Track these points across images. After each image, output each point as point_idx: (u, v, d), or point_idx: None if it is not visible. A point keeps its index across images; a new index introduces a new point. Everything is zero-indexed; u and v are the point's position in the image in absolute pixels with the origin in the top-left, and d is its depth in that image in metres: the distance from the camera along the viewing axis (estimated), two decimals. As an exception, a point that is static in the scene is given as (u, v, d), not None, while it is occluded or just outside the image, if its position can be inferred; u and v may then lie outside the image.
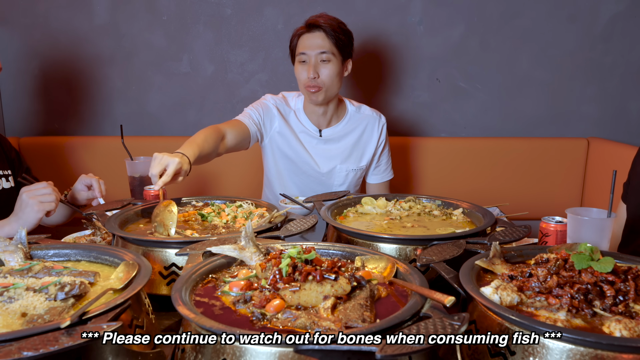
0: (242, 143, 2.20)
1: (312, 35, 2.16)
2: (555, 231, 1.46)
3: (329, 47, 2.15)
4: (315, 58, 2.16)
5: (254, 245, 1.19)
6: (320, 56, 2.15)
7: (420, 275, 1.06)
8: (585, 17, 2.88)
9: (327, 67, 2.16)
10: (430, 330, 0.79)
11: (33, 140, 2.86)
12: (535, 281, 1.01)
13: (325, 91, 2.19)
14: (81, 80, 2.93)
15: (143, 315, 1.02)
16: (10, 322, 0.91)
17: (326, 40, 2.15)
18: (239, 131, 2.16)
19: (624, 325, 0.86)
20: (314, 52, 2.15)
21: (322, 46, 2.15)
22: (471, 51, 2.93)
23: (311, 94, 2.19)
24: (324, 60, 2.16)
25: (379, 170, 2.47)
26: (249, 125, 2.20)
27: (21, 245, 1.21)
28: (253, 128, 2.21)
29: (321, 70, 2.16)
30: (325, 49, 2.15)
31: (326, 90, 2.19)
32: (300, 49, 2.18)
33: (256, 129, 2.23)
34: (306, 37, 2.17)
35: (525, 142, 2.93)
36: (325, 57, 2.16)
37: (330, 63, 2.17)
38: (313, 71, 2.14)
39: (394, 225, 1.59)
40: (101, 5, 2.83)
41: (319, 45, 2.15)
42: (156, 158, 1.70)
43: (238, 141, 2.16)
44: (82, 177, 1.93)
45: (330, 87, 2.19)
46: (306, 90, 2.20)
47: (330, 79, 2.17)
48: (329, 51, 2.15)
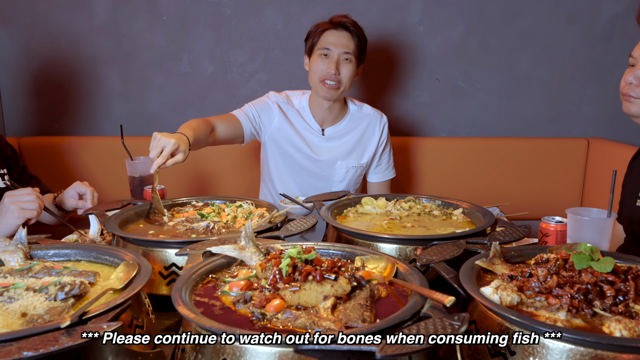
0: (235, 137, 2.25)
1: (338, 33, 2.20)
2: (555, 231, 1.46)
3: (353, 49, 2.20)
4: (339, 56, 2.19)
5: (254, 245, 1.19)
6: (343, 55, 2.19)
7: (420, 275, 1.06)
8: (585, 17, 2.88)
9: (348, 67, 2.20)
10: (430, 330, 0.79)
11: (33, 140, 2.86)
12: (535, 281, 1.01)
13: (342, 89, 2.23)
14: (81, 80, 2.93)
15: (143, 315, 1.02)
16: (10, 322, 0.91)
17: (351, 41, 2.20)
18: (230, 125, 2.20)
19: (624, 325, 0.86)
20: (338, 50, 2.18)
21: (347, 46, 2.19)
22: (471, 51, 2.93)
23: (327, 89, 2.21)
24: (346, 59, 2.20)
25: (380, 169, 2.48)
26: (242, 120, 2.24)
27: (21, 245, 1.21)
28: (247, 124, 2.24)
29: (342, 68, 2.19)
30: (349, 50, 2.19)
31: (343, 89, 2.23)
32: (324, 43, 2.21)
33: (250, 125, 2.26)
34: (331, 33, 2.21)
35: (525, 142, 2.93)
36: (348, 57, 2.19)
37: (350, 64, 2.21)
38: (335, 67, 2.17)
39: (394, 225, 1.59)
40: (101, 5, 2.83)
41: (344, 44, 2.19)
42: (155, 139, 1.74)
43: (229, 135, 2.20)
44: (77, 185, 1.88)
45: (347, 87, 2.24)
46: (321, 85, 2.21)
47: (348, 79, 2.22)
48: (352, 52, 2.20)
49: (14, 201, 1.61)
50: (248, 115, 2.26)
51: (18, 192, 1.64)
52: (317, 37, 2.23)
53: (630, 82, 1.54)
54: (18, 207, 1.60)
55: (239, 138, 2.26)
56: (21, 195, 1.63)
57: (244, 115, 2.25)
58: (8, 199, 1.62)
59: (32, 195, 1.63)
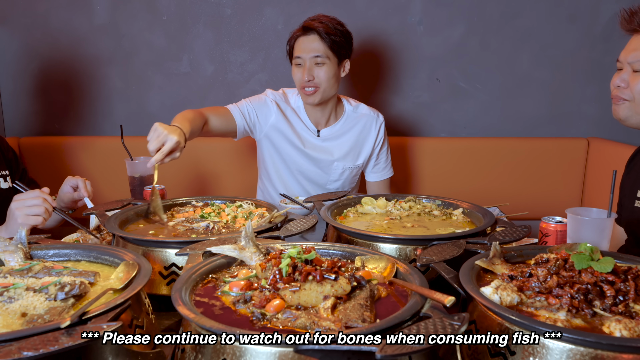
0: (227, 132, 2.24)
1: (307, 39, 2.18)
2: (555, 231, 1.46)
3: (323, 51, 2.17)
4: (310, 61, 2.18)
5: (254, 245, 1.19)
6: (314, 59, 2.17)
7: (420, 275, 1.06)
8: (585, 17, 2.88)
9: (322, 69, 2.18)
10: (430, 330, 0.79)
11: (33, 140, 2.86)
12: (535, 281, 1.01)
13: (322, 92, 2.21)
14: (81, 80, 2.93)
15: (143, 315, 1.02)
16: (10, 322, 0.91)
17: (320, 44, 2.17)
18: (223, 120, 2.19)
19: (624, 325, 0.86)
20: (308, 56, 2.17)
21: (317, 49, 2.17)
22: (471, 51, 2.93)
23: (307, 96, 2.22)
24: (319, 64, 2.18)
25: (378, 168, 2.48)
26: (236, 116, 2.23)
27: (21, 245, 1.21)
28: (240, 121, 2.23)
29: (316, 72, 2.18)
30: (319, 53, 2.17)
31: (323, 91, 2.21)
32: (296, 52, 2.21)
33: (244, 122, 2.24)
34: (301, 40, 2.20)
35: (525, 142, 2.93)
36: (320, 60, 2.18)
37: (325, 66, 2.19)
38: (308, 74, 2.17)
39: (394, 225, 1.59)
40: (101, 5, 2.83)
41: (313, 48, 2.17)
42: (155, 130, 1.70)
43: (222, 129, 2.19)
44: (68, 179, 1.90)
45: (327, 88, 2.21)
46: (302, 92, 2.23)
47: (326, 80, 2.19)
48: (323, 55, 2.17)
49: (19, 207, 1.57)
50: (243, 112, 2.25)
51: (26, 195, 1.61)
52: (292, 46, 2.24)
53: (619, 85, 1.57)
54: (22, 214, 1.56)
55: (232, 133, 2.26)
56: (27, 199, 1.58)
57: (239, 112, 2.24)
58: (14, 203, 1.59)
59: (38, 199, 1.58)
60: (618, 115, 1.60)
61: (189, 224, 1.54)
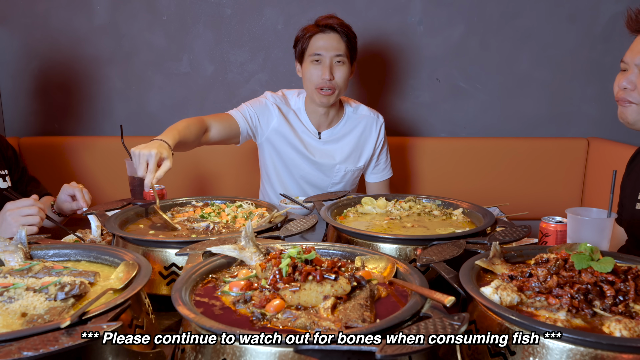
0: (231, 138, 2.20)
1: (327, 37, 2.15)
2: (555, 231, 1.46)
3: (344, 50, 2.16)
4: (331, 60, 2.14)
5: (254, 245, 1.19)
6: (335, 58, 2.15)
7: (420, 275, 1.06)
8: (585, 17, 2.88)
9: (341, 69, 2.16)
10: (430, 330, 0.79)
11: (33, 140, 2.86)
12: (535, 281, 1.01)
13: (337, 93, 2.20)
14: (81, 80, 2.93)
15: (143, 315, 1.02)
16: (10, 322, 0.91)
17: (341, 43, 2.15)
18: (226, 125, 2.15)
19: (624, 325, 0.86)
20: (329, 54, 2.14)
21: (338, 48, 2.15)
22: (471, 51, 2.93)
23: (323, 96, 2.18)
24: (339, 62, 2.16)
25: (378, 169, 2.47)
26: (239, 121, 2.20)
27: (21, 245, 1.21)
28: (244, 125, 2.20)
29: (335, 72, 2.15)
30: (340, 52, 2.15)
31: (338, 93, 2.20)
32: (314, 49, 2.16)
33: (247, 126, 2.22)
34: (320, 37, 2.16)
35: (525, 142, 2.93)
36: (340, 59, 2.16)
37: (344, 66, 2.17)
38: (329, 73, 2.13)
39: (394, 225, 1.59)
40: (101, 6, 2.83)
41: (334, 47, 2.14)
42: (134, 156, 1.65)
43: (225, 135, 2.15)
44: (65, 187, 1.86)
45: (342, 90, 2.21)
46: (317, 92, 2.18)
47: (343, 81, 2.18)
48: (343, 54, 2.15)
49: (14, 215, 1.57)
50: (245, 116, 2.22)
51: (19, 203, 1.60)
52: (306, 43, 2.18)
53: (625, 87, 1.53)
54: (16, 223, 1.55)
55: (235, 138, 2.22)
56: (21, 207, 1.58)
57: (241, 116, 2.21)
58: (8, 212, 1.58)
59: (33, 208, 1.58)
60: (626, 118, 1.54)
61: (189, 224, 1.54)
